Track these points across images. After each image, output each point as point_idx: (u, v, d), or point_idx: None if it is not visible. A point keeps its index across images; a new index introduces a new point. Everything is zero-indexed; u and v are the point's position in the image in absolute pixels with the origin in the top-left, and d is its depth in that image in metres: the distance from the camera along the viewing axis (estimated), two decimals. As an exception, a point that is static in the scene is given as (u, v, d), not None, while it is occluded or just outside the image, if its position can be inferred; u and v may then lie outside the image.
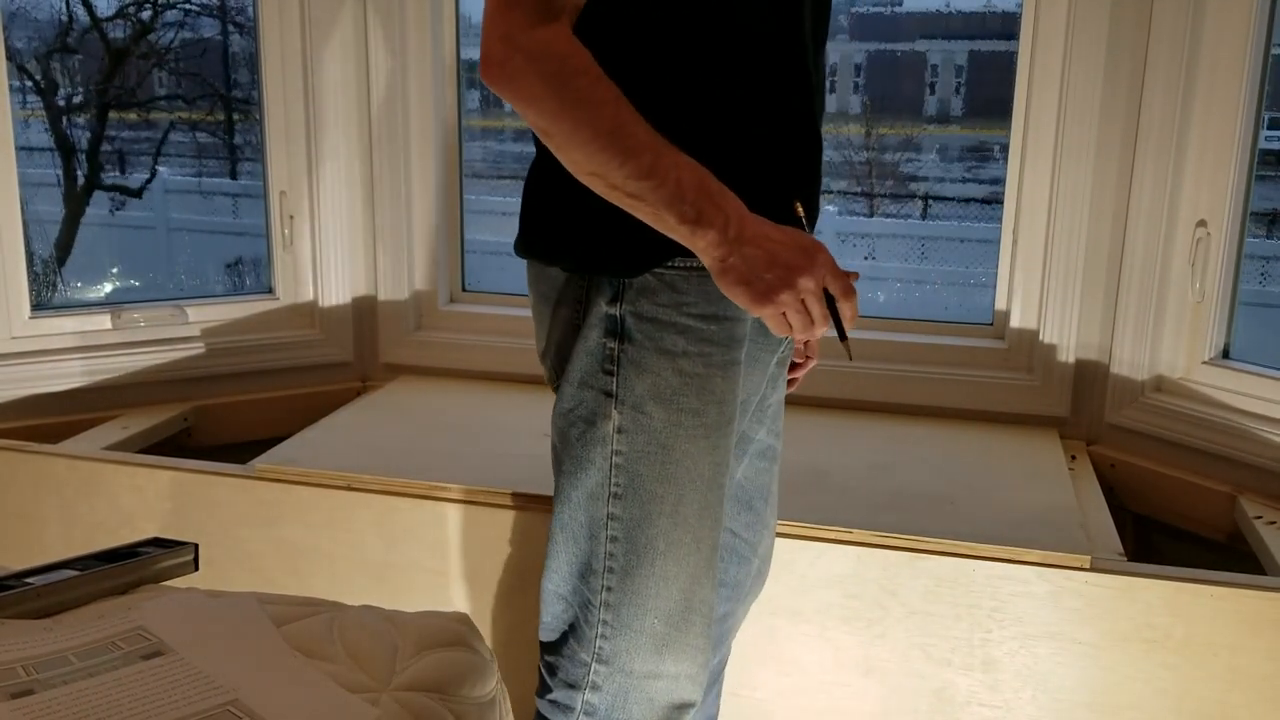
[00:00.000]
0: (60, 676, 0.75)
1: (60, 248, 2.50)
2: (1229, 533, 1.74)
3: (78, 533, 1.79)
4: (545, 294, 1.19)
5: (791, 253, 1.01)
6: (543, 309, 1.20)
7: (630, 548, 1.13)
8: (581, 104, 0.97)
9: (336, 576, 1.71)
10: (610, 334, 1.10)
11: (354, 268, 2.25)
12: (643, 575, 1.13)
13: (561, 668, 1.20)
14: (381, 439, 1.89)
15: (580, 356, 1.13)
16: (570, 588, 1.18)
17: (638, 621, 1.14)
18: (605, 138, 0.97)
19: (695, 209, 0.99)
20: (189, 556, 1.04)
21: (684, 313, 1.09)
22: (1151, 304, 1.85)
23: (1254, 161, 1.78)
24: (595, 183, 1.00)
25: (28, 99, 2.44)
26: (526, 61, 0.96)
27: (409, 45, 2.15)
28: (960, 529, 1.53)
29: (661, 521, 1.12)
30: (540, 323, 1.22)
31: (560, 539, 1.18)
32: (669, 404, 1.09)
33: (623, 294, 1.09)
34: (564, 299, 1.15)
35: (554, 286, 1.17)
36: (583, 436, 1.13)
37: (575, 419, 1.14)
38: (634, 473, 1.11)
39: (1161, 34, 1.78)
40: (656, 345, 1.09)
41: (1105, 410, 1.93)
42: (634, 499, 1.11)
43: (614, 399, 1.10)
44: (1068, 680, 1.47)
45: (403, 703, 0.77)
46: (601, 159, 0.98)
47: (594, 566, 1.15)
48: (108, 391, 2.07)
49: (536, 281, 1.21)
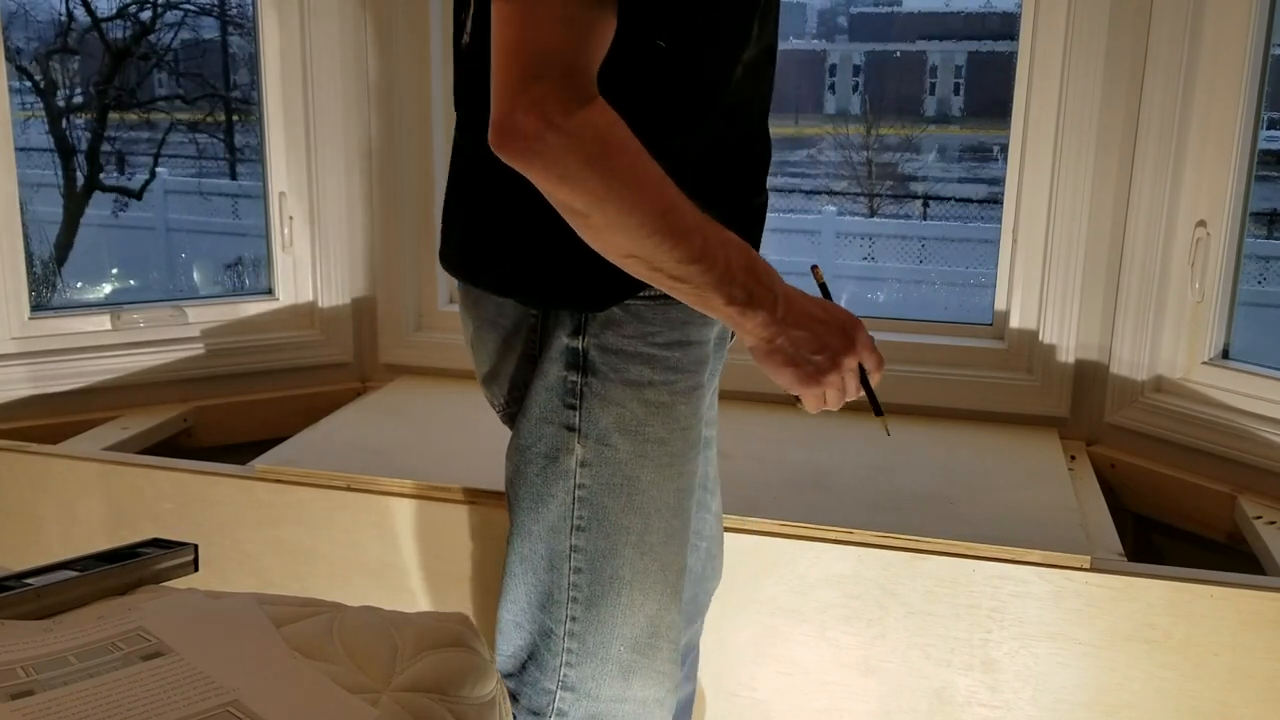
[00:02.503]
0: (60, 677, 0.74)
1: (60, 248, 2.51)
2: (1229, 533, 1.75)
3: (77, 533, 1.79)
4: (489, 320, 1.13)
5: (835, 335, 1.01)
6: (486, 335, 1.15)
7: (595, 578, 1.10)
8: (630, 186, 0.89)
9: (336, 577, 1.71)
10: (572, 367, 1.06)
11: (354, 268, 2.25)
12: (609, 605, 1.10)
13: (524, 695, 1.17)
14: (381, 439, 1.89)
15: (539, 392, 1.08)
16: (529, 617, 1.15)
17: (604, 650, 1.12)
18: (655, 222, 0.90)
19: (745, 291, 0.95)
20: (189, 557, 1.04)
21: (649, 342, 1.06)
22: (1151, 304, 1.85)
23: (1254, 161, 1.78)
24: (634, 264, 0.93)
25: (27, 100, 2.45)
26: (566, 143, 0.86)
27: (409, 45, 2.15)
28: (960, 529, 1.53)
29: (627, 551, 1.09)
30: (481, 348, 1.17)
31: (518, 571, 1.14)
32: (634, 435, 1.07)
33: (586, 326, 1.05)
34: (515, 330, 1.11)
35: (501, 314, 1.12)
36: (543, 472, 1.09)
37: (534, 455, 1.10)
38: (598, 505, 1.08)
39: (1161, 34, 1.78)
40: (622, 377, 1.05)
41: (1105, 410, 1.93)
42: (599, 531, 1.08)
43: (576, 433, 1.07)
44: (1068, 680, 1.47)
45: (403, 703, 0.77)
46: (650, 244, 0.91)
47: (556, 597, 1.12)
48: (107, 392, 2.07)
49: (477, 306, 1.15)
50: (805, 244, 5.65)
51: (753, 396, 2.04)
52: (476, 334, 1.18)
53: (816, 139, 6.91)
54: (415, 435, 1.92)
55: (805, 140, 6.53)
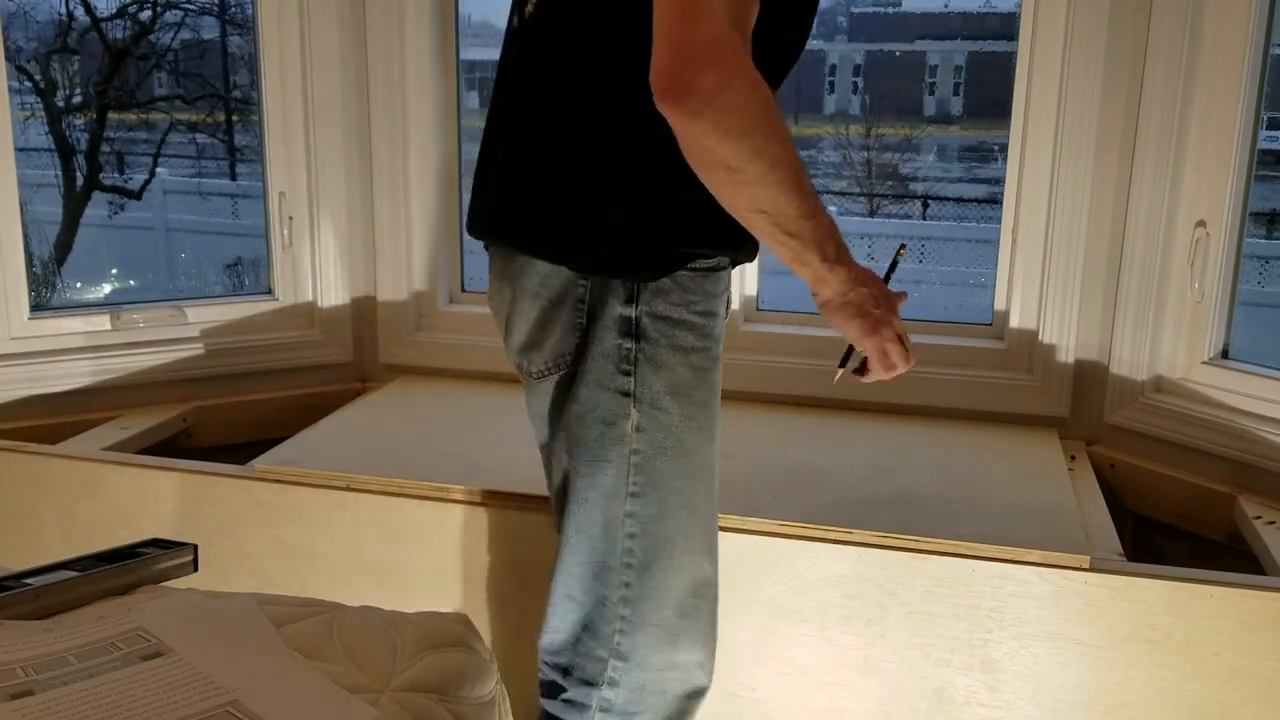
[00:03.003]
0: (60, 677, 0.74)
1: (59, 248, 2.51)
2: (1229, 533, 1.74)
3: (77, 533, 1.79)
4: (531, 290, 1.17)
5: (886, 296, 1.16)
6: (526, 305, 1.18)
7: (648, 543, 1.15)
8: (779, 144, 0.98)
9: (336, 577, 1.71)
10: (626, 334, 1.12)
11: (353, 268, 2.25)
12: (660, 569, 1.15)
13: (577, 666, 1.20)
14: (381, 439, 1.89)
15: (594, 359, 1.13)
16: (583, 587, 1.18)
17: (655, 615, 1.16)
18: (791, 178, 1.00)
19: (836, 249, 1.08)
20: (188, 557, 1.04)
21: (692, 310, 1.13)
22: (1151, 304, 1.85)
23: (1253, 161, 1.78)
24: (759, 219, 1.01)
25: (27, 100, 2.45)
26: (740, 101, 0.94)
27: (408, 45, 2.15)
28: (960, 529, 1.53)
29: (679, 514, 1.15)
30: (519, 318, 1.20)
31: (574, 541, 1.18)
32: (684, 398, 1.13)
33: (638, 295, 1.11)
34: (560, 300, 1.15)
35: (545, 285, 1.16)
36: (601, 438, 1.14)
37: (592, 421, 1.15)
38: (651, 470, 1.13)
39: (1161, 34, 1.78)
40: (671, 342, 1.12)
41: (1105, 410, 1.93)
42: (652, 495, 1.14)
43: (632, 398, 1.12)
44: (1067, 680, 1.47)
45: (402, 703, 0.77)
46: (784, 199, 1.00)
47: (610, 564, 1.16)
48: (107, 392, 2.07)
49: (520, 275, 1.18)
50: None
51: (753, 396, 2.04)
52: (515, 304, 1.19)
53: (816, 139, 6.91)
54: (415, 435, 1.92)
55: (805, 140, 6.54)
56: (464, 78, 2.26)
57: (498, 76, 1.24)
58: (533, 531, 1.62)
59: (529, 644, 1.65)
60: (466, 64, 2.26)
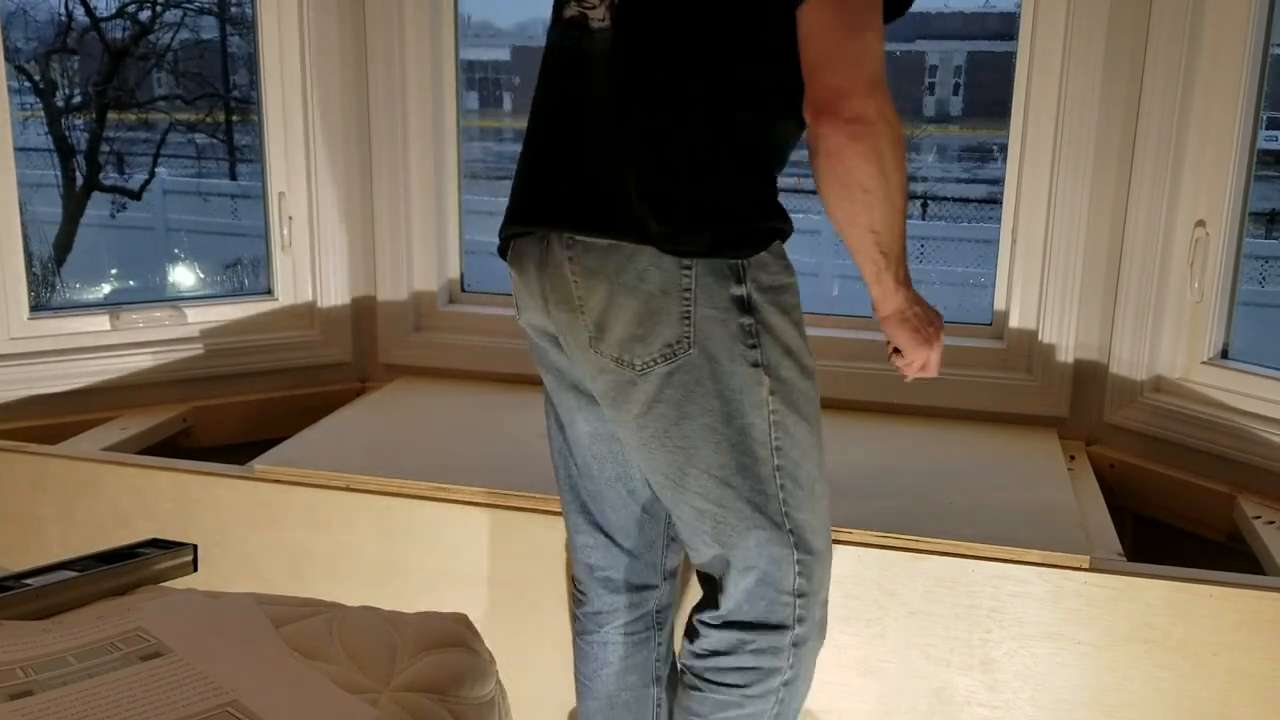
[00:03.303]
0: (59, 678, 0.74)
1: (59, 248, 2.50)
2: (1228, 533, 1.74)
3: (76, 533, 1.79)
4: (628, 285, 1.19)
5: (935, 316, 1.32)
6: (624, 300, 1.19)
7: (796, 488, 1.26)
8: (901, 173, 1.16)
9: (336, 577, 1.71)
10: (744, 311, 1.19)
11: (353, 268, 2.25)
12: (809, 508, 1.28)
13: (763, 619, 1.29)
14: (381, 439, 1.89)
15: (721, 340, 1.19)
16: (759, 552, 1.26)
17: (820, 549, 1.30)
18: (902, 202, 1.17)
19: (905, 270, 1.25)
20: (188, 557, 1.04)
21: (786, 274, 1.24)
22: (1150, 304, 1.85)
23: (1253, 161, 1.78)
24: (868, 236, 1.18)
25: (26, 100, 2.44)
26: (888, 133, 1.12)
27: (408, 45, 2.15)
28: (960, 529, 1.53)
29: (812, 453, 1.27)
30: (619, 312, 1.20)
31: (741, 509, 1.25)
32: (794, 355, 1.24)
33: (745, 273, 1.19)
34: (664, 291, 1.18)
35: (644, 278, 1.18)
36: (741, 407, 1.22)
37: (730, 394, 1.21)
38: (785, 424, 1.24)
39: (1160, 34, 1.78)
40: (778, 307, 1.21)
41: (1104, 410, 1.93)
42: (791, 445, 1.24)
43: (762, 367, 1.21)
44: (1067, 680, 1.47)
45: (402, 703, 0.77)
46: (894, 222, 1.18)
47: (775, 520, 1.26)
48: (106, 392, 2.07)
49: (617, 271, 1.19)
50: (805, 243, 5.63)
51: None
52: (610, 299, 1.20)
53: (816, 139, 6.88)
54: (415, 435, 1.92)
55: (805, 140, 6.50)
56: (464, 78, 2.26)
57: (559, 64, 1.28)
58: (532, 531, 1.62)
59: (529, 644, 1.66)
60: (466, 64, 2.26)
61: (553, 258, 1.25)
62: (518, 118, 1.10)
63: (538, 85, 1.33)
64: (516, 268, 1.32)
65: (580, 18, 1.24)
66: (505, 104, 3.49)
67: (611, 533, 1.42)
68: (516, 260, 1.32)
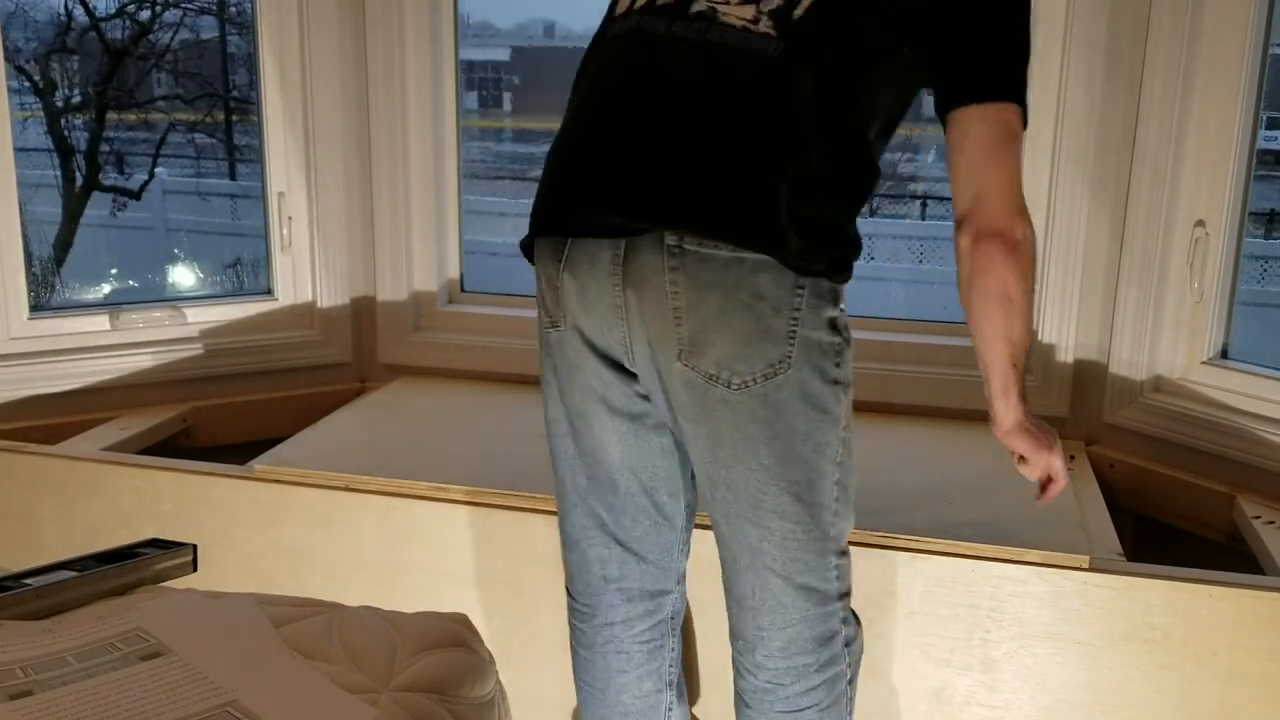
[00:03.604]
0: (59, 678, 0.74)
1: (59, 248, 2.50)
2: (1228, 533, 1.74)
3: (76, 533, 1.79)
4: (745, 302, 1.17)
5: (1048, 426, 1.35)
6: (737, 318, 1.17)
7: (845, 498, 1.29)
8: (1034, 289, 1.24)
9: (335, 577, 1.71)
10: (834, 331, 1.22)
11: (353, 268, 2.25)
12: (847, 516, 1.30)
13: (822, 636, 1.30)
14: (380, 439, 1.89)
15: (813, 358, 1.21)
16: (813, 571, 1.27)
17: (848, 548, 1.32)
18: (1031, 313, 1.25)
19: (1023, 381, 1.28)
20: (188, 557, 1.03)
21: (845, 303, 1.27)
22: (1150, 304, 1.85)
23: (1252, 161, 1.78)
24: (1003, 346, 1.23)
25: (26, 100, 2.44)
26: (1029, 252, 1.21)
27: (407, 45, 2.15)
28: (959, 529, 1.53)
29: (854, 473, 1.30)
30: (727, 328, 1.18)
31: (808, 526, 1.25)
32: (850, 377, 1.27)
33: (838, 295, 1.23)
34: (776, 310, 1.17)
35: (760, 295, 1.17)
36: (820, 424, 1.23)
37: (814, 413, 1.23)
38: (848, 441, 1.27)
39: (1160, 34, 1.78)
40: (848, 333, 1.25)
41: (1104, 410, 1.93)
42: (848, 458, 1.28)
43: (841, 385, 1.25)
44: (1067, 680, 1.47)
45: (401, 703, 0.77)
46: (1025, 333, 1.24)
47: (827, 532, 1.27)
48: (106, 392, 2.07)
49: (736, 286, 1.17)
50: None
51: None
52: (720, 315, 1.18)
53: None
54: (414, 435, 1.92)
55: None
56: (464, 78, 2.26)
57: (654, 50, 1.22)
58: (532, 532, 1.62)
59: (528, 644, 1.65)
60: (466, 64, 2.26)
61: (644, 265, 1.19)
62: (517, 118, 1.10)
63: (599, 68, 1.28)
64: (572, 271, 1.24)
65: (710, 12, 1.20)
66: (505, 104, 3.49)
67: (628, 542, 1.38)
68: (576, 263, 1.24)
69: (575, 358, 1.29)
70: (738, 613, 1.32)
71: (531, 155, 9.52)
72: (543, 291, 1.31)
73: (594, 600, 1.42)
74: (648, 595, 1.41)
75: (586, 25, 1.42)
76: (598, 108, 1.26)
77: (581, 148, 1.26)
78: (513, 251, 1.33)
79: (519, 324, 2.22)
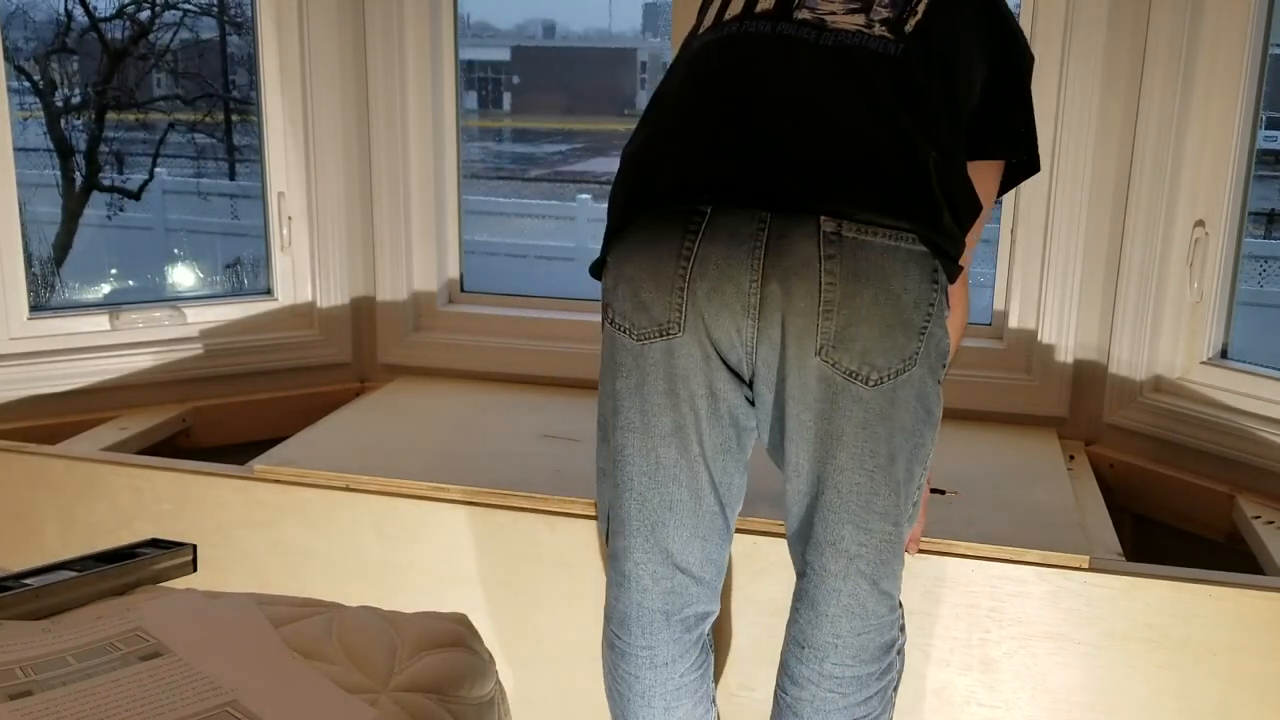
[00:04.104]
0: (58, 677, 0.74)
1: (58, 248, 2.50)
2: (1228, 533, 1.75)
3: (76, 533, 1.79)
4: (893, 295, 1.16)
5: None
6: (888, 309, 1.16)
7: (917, 499, 1.31)
8: None
9: (335, 577, 1.70)
10: (942, 328, 1.22)
11: (352, 268, 2.25)
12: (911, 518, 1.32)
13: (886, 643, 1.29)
14: (380, 439, 1.89)
15: (934, 356, 1.22)
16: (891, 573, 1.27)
17: None
18: None
19: None
20: (187, 557, 1.04)
21: None
22: (1150, 304, 1.85)
23: (1252, 161, 1.78)
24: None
25: (26, 100, 2.44)
26: None
27: (407, 45, 2.15)
28: (959, 529, 1.53)
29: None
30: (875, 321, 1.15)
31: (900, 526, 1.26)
32: None
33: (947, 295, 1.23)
34: (916, 304, 1.18)
35: (906, 288, 1.17)
36: (924, 421, 1.25)
37: (921, 411, 1.24)
38: (935, 441, 1.29)
39: (1160, 34, 1.78)
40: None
41: (1104, 410, 1.93)
42: (929, 459, 1.30)
43: (940, 384, 1.26)
44: (1066, 680, 1.47)
45: (401, 703, 0.77)
46: None
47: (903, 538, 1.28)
48: (106, 392, 2.07)
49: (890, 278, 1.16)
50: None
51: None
52: (872, 308, 1.15)
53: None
54: (414, 435, 1.92)
55: None
56: (464, 78, 2.26)
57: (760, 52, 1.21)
58: (532, 532, 1.62)
59: (528, 644, 1.65)
60: (466, 64, 2.26)
61: (793, 254, 1.14)
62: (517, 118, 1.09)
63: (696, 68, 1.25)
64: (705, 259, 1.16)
65: (817, 21, 1.21)
66: (504, 104, 3.49)
67: (689, 566, 1.32)
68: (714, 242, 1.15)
69: (688, 366, 1.21)
70: (812, 620, 1.27)
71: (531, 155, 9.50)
72: (638, 300, 1.21)
73: (652, 639, 1.34)
74: (700, 619, 1.36)
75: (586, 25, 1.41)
76: (706, 99, 1.21)
77: (701, 123, 1.19)
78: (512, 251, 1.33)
79: (518, 324, 2.22)
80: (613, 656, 1.38)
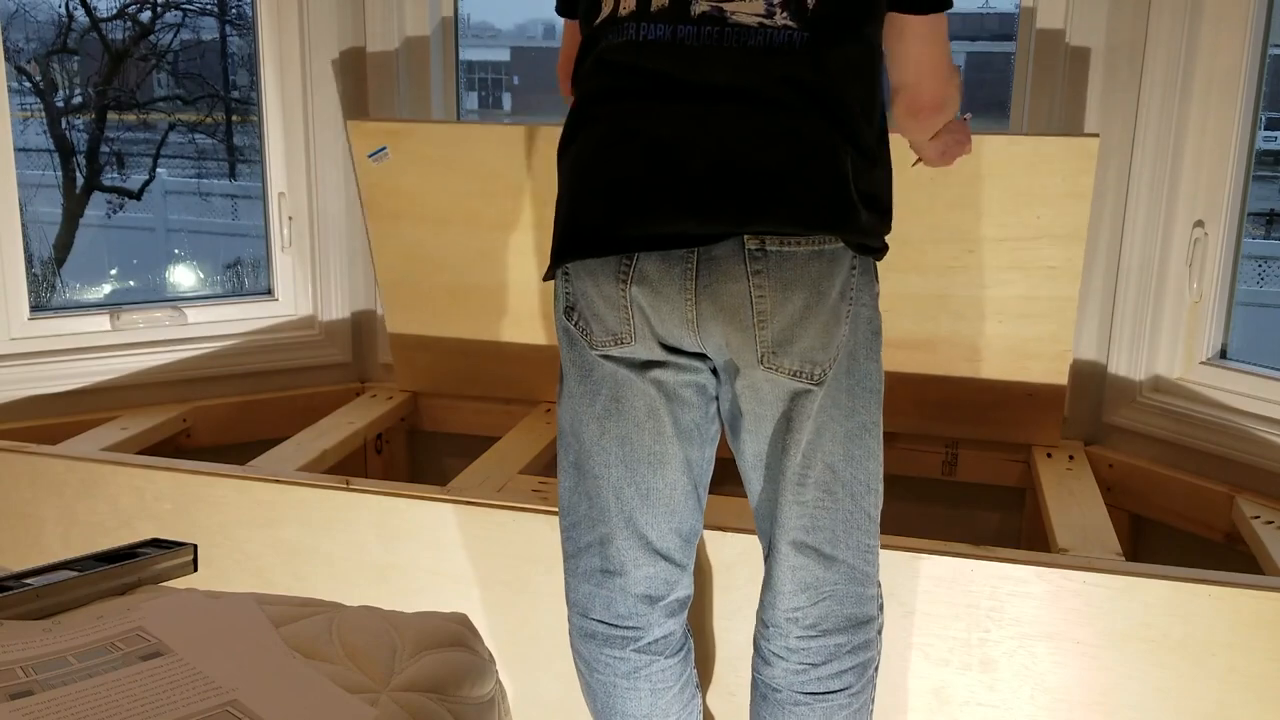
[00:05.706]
0: (59, 677, 0.75)
1: (59, 249, 2.50)
2: (1227, 533, 1.75)
3: (77, 533, 1.79)
4: (823, 291, 1.20)
5: None
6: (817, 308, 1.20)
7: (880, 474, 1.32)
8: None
9: (335, 577, 1.71)
10: (875, 309, 1.27)
11: (352, 269, 2.25)
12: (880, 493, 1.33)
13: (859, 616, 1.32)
14: (380, 440, 1.89)
15: (866, 337, 1.25)
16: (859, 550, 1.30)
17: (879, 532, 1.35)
18: None
19: None
20: (188, 557, 1.04)
21: None
22: (1149, 304, 1.85)
23: (1251, 161, 1.78)
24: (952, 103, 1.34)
25: (26, 100, 2.44)
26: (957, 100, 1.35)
27: (408, 45, 2.15)
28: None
29: None
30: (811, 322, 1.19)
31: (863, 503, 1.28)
32: None
33: (876, 271, 1.27)
34: (841, 294, 1.21)
35: (828, 280, 1.20)
36: (870, 404, 1.27)
37: (865, 393, 1.26)
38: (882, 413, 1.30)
39: (1159, 34, 1.78)
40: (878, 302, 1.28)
41: (1103, 410, 1.93)
42: (880, 433, 1.30)
43: (880, 361, 1.28)
44: (1066, 680, 1.47)
45: (401, 703, 0.77)
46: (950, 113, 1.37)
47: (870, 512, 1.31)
48: (107, 393, 2.07)
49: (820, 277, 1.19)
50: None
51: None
52: (804, 312, 1.19)
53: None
54: (414, 435, 1.92)
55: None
56: (464, 78, 2.26)
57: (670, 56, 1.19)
58: (532, 531, 1.62)
59: (528, 643, 1.66)
60: (466, 64, 2.26)
61: (722, 273, 1.18)
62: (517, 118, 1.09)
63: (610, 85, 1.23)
64: (641, 287, 1.20)
65: (716, 13, 1.18)
66: (505, 104, 3.49)
67: (670, 553, 1.34)
68: (645, 279, 1.20)
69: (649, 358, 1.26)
70: (770, 599, 1.33)
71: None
72: (593, 311, 1.25)
73: (638, 623, 1.36)
74: (681, 604, 1.39)
75: (586, 26, 1.41)
76: (627, 124, 1.21)
77: (622, 164, 1.21)
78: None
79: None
80: (591, 648, 1.39)
